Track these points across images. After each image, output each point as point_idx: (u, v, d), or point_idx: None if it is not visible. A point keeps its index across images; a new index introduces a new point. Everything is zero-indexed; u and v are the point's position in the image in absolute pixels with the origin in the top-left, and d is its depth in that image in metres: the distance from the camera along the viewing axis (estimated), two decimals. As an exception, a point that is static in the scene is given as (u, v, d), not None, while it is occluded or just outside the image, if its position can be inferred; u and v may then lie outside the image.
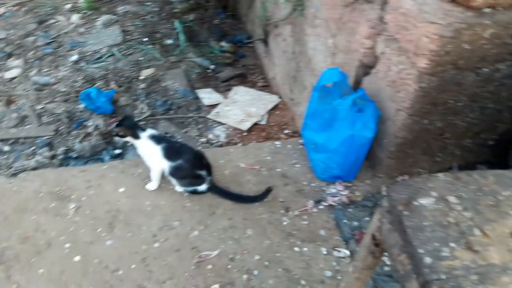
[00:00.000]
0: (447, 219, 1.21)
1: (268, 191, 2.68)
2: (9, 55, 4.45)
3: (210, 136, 3.54)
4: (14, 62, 4.37)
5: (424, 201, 1.26)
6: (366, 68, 2.50)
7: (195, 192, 2.69)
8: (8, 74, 4.21)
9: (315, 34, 2.89)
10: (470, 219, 1.21)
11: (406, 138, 2.38)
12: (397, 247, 1.29)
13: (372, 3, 2.27)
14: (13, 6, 5.19)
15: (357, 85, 2.58)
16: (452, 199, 1.26)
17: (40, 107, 3.81)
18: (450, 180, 1.32)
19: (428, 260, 1.12)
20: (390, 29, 2.18)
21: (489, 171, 1.34)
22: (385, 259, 2.20)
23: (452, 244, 1.16)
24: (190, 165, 2.61)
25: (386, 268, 2.27)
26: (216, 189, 2.70)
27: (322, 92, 2.47)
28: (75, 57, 4.39)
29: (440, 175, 1.34)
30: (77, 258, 2.40)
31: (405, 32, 2.05)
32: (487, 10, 1.86)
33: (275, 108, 3.78)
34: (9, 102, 3.87)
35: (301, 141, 3.04)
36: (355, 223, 2.50)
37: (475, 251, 1.14)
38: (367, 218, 2.52)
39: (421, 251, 1.14)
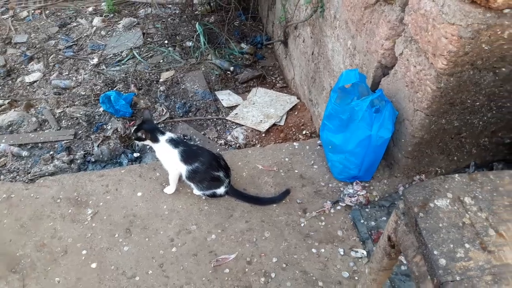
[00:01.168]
0: (462, 220, 1.21)
1: (286, 192, 2.68)
2: (30, 59, 4.51)
3: (229, 137, 3.55)
4: (35, 66, 4.41)
5: (439, 202, 1.26)
6: (385, 69, 2.49)
7: (213, 196, 2.69)
8: (29, 78, 4.23)
9: (334, 35, 2.89)
10: (485, 220, 1.20)
11: (423, 138, 2.36)
12: (412, 249, 1.28)
13: (392, 5, 2.26)
14: (35, 9, 5.27)
15: (375, 86, 2.57)
16: (467, 200, 1.25)
17: (60, 111, 3.85)
18: (465, 181, 1.31)
19: (442, 261, 1.12)
20: (409, 30, 2.17)
21: (505, 171, 1.32)
22: (402, 258, 2.18)
23: (467, 245, 1.15)
24: (207, 168, 2.60)
25: (403, 268, 2.25)
26: (233, 192, 2.70)
27: (340, 93, 2.47)
28: (95, 60, 4.44)
29: (456, 176, 1.33)
30: (93, 265, 2.39)
31: (425, 33, 2.04)
32: (507, 11, 1.83)
33: (293, 109, 3.79)
34: (28, 106, 3.89)
35: (319, 142, 3.03)
36: (372, 223, 2.49)
37: (489, 252, 1.13)
38: (384, 218, 2.50)
39: (436, 252, 1.14)
